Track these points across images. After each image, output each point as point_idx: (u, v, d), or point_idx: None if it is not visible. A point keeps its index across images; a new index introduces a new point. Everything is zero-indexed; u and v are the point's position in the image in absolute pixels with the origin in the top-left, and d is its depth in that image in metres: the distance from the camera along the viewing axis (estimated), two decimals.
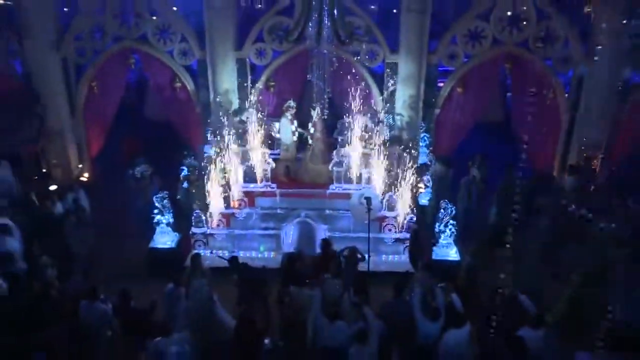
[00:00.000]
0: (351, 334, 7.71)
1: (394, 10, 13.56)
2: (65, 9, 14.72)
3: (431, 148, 13.74)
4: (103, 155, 14.83)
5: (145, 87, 17.91)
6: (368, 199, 9.54)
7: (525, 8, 12.64)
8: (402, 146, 12.33)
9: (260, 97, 13.41)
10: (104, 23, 13.17)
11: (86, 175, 13.68)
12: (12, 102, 12.97)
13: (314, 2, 9.55)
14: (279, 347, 7.69)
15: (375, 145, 11.80)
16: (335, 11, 9.65)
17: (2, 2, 14.59)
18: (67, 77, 13.75)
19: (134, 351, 7.53)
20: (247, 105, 12.62)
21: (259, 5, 16.65)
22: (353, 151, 11.87)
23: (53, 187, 12.49)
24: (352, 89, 12.12)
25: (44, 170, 13.31)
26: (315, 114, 11.91)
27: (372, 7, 17.15)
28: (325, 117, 11.98)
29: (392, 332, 8.02)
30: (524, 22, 12.68)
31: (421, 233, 11.87)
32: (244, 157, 12.06)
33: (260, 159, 11.87)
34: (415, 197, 11.97)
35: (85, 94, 14.00)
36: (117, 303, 8.63)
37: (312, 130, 12.14)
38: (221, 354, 7.94)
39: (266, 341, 7.76)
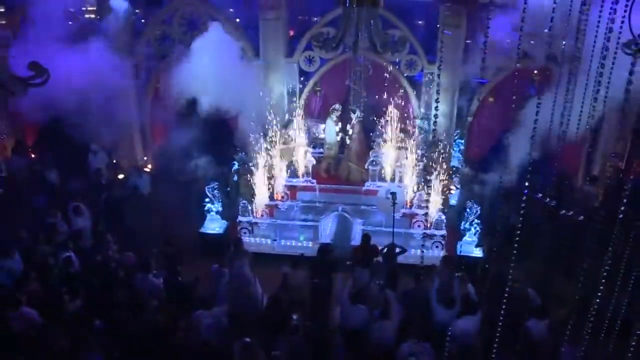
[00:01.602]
0: (371, 317, 7.91)
1: (437, 26, 13.50)
2: (142, 20, 15.43)
3: (463, 153, 13.64)
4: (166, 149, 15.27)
5: None
6: (393, 194, 9.61)
7: None
8: (436, 150, 12.32)
9: (307, 101, 13.66)
10: (171, 31, 13.71)
11: (150, 165, 14.27)
12: None
13: (352, 15, 9.72)
14: (304, 324, 7.88)
15: (409, 148, 11.80)
16: (372, 23, 9.79)
17: (92, 16, 15.49)
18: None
19: (174, 320, 7.86)
20: (294, 109, 12.80)
21: (315, 18, 16.90)
22: (388, 152, 11.93)
23: (120, 176, 13.19)
24: (391, 94, 12.17)
25: (114, 161, 13.99)
26: (354, 116, 12.09)
27: (420, 22, 17.17)
28: (361, 119, 12.13)
29: (410, 317, 8.15)
30: None
31: None
32: (288, 155, 12.28)
33: (302, 156, 12.12)
34: (446, 198, 11.93)
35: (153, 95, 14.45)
36: (166, 277, 9.14)
37: (350, 132, 12.29)
38: (253, 328, 8.15)
39: (294, 317, 7.98)
